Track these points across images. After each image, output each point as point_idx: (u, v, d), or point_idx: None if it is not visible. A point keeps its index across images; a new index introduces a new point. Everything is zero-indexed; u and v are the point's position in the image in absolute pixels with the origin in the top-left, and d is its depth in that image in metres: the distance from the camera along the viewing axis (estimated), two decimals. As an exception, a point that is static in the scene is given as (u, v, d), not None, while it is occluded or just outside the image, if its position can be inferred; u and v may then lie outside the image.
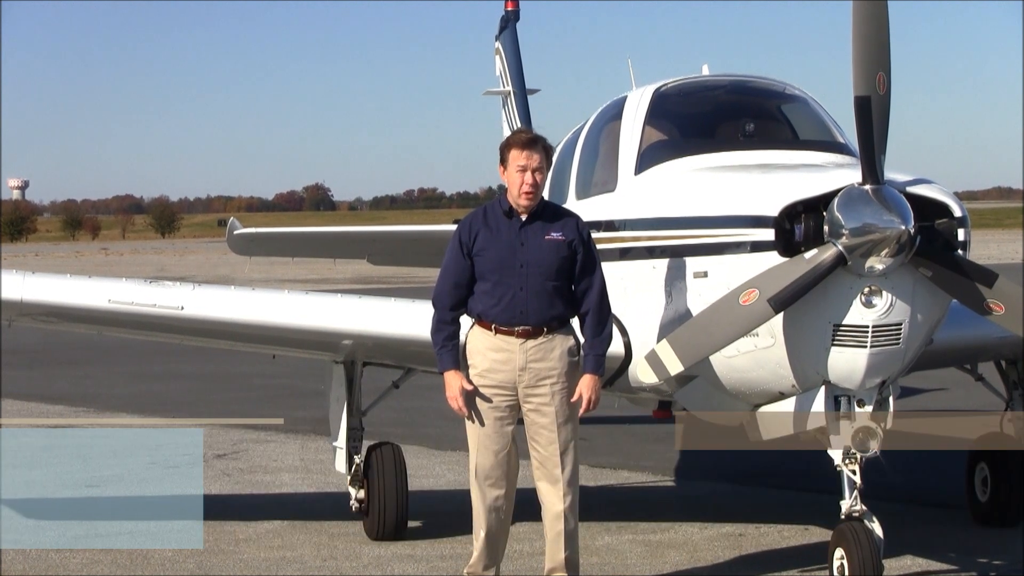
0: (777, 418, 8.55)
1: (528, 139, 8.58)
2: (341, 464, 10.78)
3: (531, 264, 8.34)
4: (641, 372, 8.49)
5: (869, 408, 8.15)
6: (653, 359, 8.22)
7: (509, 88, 17.26)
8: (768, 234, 8.00)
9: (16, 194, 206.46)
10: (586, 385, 8.35)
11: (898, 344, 8.01)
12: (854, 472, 8.16)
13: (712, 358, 8.30)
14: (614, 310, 8.70)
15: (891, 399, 8.25)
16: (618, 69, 11.86)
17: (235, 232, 17.35)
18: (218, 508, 11.66)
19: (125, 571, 9.45)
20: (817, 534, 9.69)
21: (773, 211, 8.01)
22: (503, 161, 8.53)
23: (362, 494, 10.53)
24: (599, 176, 10.24)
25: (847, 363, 8.01)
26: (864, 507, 8.16)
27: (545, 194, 8.88)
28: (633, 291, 9.16)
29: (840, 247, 7.70)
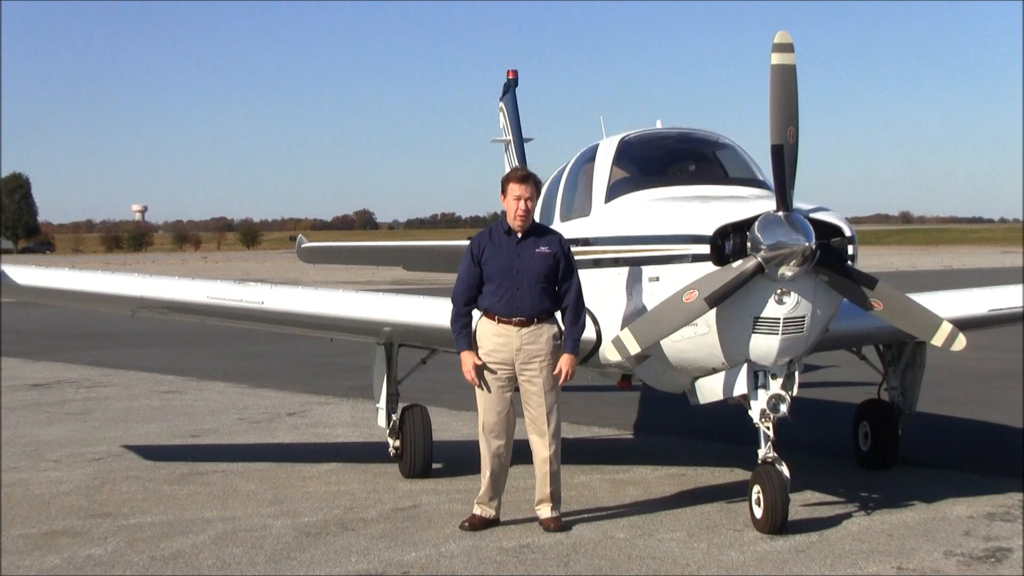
0: (711, 387, 8.57)
1: (522, 175, 8.68)
2: (382, 421, 10.76)
3: (525, 271, 8.42)
4: (608, 352, 8.50)
5: (780, 380, 8.21)
6: (618, 343, 8.23)
7: (510, 137, 17.25)
8: (705, 249, 8.03)
9: (138, 216, 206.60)
10: (566, 362, 8.43)
11: (802, 332, 8.04)
12: (768, 428, 8.21)
13: (662, 342, 8.31)
14: (588, 305, 8.73)
15: (797, 373, 8.29)
16: (592, 123, 11.87)
17: (302, 245, 17.43)
18: (289, 453, 11.69)
19: (219, 500, 9.45)
20: (740, 475, 9.68)
21: (709, 231, 8.04)
22: (503, 191, 8.60)
23: (398, 443, 10.53)
24: (578, 204, 10.23)
25: (764, 346, 8.05)
26: (776, 454, 8.20)
27: (537, 217, 8.92)
28: (603, 291, 9.15)
29: (759, 259, 7.73)
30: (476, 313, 8.56)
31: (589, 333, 8.97)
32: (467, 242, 8.84)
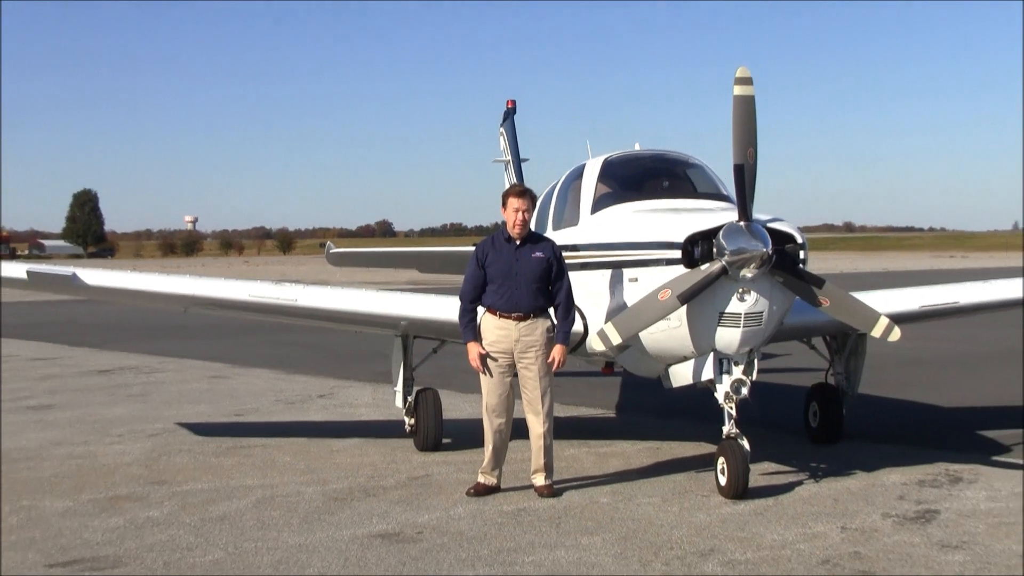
0: (682, 373, 8.58)
1: (520, 190, 8.69)
2: (399, 401, 10.76)
3: (522, 273, 8.41)
4: (594, 343, 8.50)
5: (742, 367, 8.21)
6: (602, 335, 8.23)
7: (509, 158, 17.21)
8: (677, 254, 8.04)
9: (189, 226, 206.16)
10: (557, 351, 8.43)
11: (760, 325, 8.05)
12: (731, 408, 8.22)
13: (641, 334, 8.32)
14: (577, 302, 8.73)
15: (756, 361, 8.29)
16: (580, 145, 11.88)
17: (331, 251, 17.44)
18: (319, 430, 11.69)
19: (260, 470, 9.46)
20: (707, 448, 9.69)
21: (681, 238, 8.05)
22: (504, 204, 8.60)
23: (413, 421, 10.54)
24: (568, 215, 10.23)
25: (727, 337, 8.05)
26: (738, 431, 8.22)
27: (532, 226, 8.92)
28: (589, 291, 9.15)
29: (724, 262, 7.74)
30: (480, 309, 8.57)
31: (577, 326, 8.95)
32: (473, 248, 8.84)
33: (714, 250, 7.82)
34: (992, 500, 8.19)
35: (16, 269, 10.18)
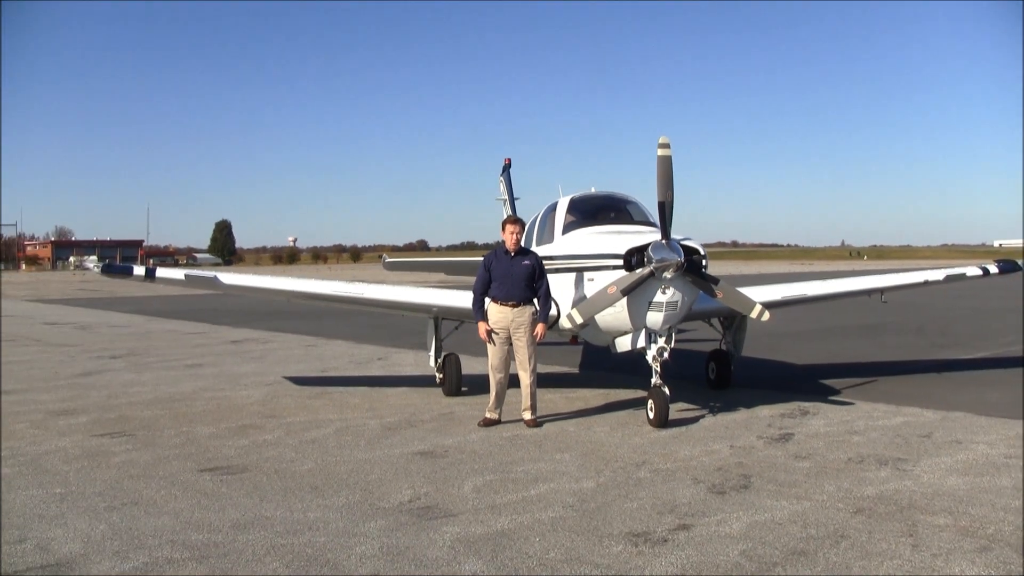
0: (624, 343, 8.52)
1: (514, 220, 8.63)
2: (432, 362, 10.70)
3: (516, 275, 8.35)
4: (565, 322, 8.45)
5: (664, 338, 8.15)
6: (570, 317, 8.19)
7: (506, 197, 17.12)
8: (620, 262, 8.00)
9: (291, 243, 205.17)
10: (539, 327, 8.37)
11: (676, 311, 8.00)
12: (657, 366, 8.17)
13: (596, 316, 8.28)
14: (553, 295, 8.67)
15: (673, 334, 8.24)
16: (553, 187, 11.79)
17: (386, 260, 17.36)
18: (378, 381, 11.61)
19: (338, 408, 9.39)
20: (641, 393, 9.65)
21: (622, 251, 8.02)
22: (503, 228, 8.56)
23: (441, 375, 10.46)
24: (546, 235, 10.17)
25: (654, 319, 8.00)
26: (661, 381, 8.16)
27: (522, 242, 8.84)
28: (561, 287, 9.10)
29: (652, 267, 7.69)
30: (486, 299, 8.51)
31: (553, 311, 8.91)
32: (482, 258, 8.80)
33: (645, 259, 7.79)
34: (828, 426, 8.16)
35: (178, 273, 10.32)
